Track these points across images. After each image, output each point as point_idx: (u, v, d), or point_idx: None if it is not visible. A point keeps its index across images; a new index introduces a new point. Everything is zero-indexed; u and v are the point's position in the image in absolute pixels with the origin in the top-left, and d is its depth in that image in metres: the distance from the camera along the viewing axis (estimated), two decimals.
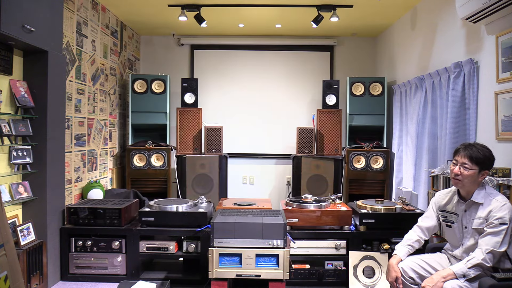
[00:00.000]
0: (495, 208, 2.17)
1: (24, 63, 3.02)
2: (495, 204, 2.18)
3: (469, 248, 2.27)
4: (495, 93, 2.78)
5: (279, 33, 5.45)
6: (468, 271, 2.10)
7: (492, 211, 2.17)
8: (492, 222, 2.15)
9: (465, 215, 2.31)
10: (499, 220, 2.13)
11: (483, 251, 2.12)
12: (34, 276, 2.83)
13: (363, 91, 4.80)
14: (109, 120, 4.62)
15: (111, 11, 4.62)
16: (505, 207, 2.16)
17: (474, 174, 2.21)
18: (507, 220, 2.12)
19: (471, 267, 2.10)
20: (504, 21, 2.71)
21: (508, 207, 2.16)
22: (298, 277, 3.15)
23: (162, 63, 5.67)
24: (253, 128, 5.63)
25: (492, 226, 2.14)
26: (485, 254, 2.10)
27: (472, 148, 2.23)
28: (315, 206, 3.21)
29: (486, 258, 2.10)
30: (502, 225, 2.12)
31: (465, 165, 2.21)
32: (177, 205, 3.24)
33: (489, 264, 2.10)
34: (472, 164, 2.20)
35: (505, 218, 2.13)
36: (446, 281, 2.11)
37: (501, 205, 2.16)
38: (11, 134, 2.79)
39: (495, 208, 2.17)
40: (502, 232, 2.12)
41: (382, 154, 4.49)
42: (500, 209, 2.15)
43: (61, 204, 3.25)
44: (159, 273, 3.27)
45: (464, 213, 2.31)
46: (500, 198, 2.22)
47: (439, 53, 3.70)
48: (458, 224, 2.34)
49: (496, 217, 2.14)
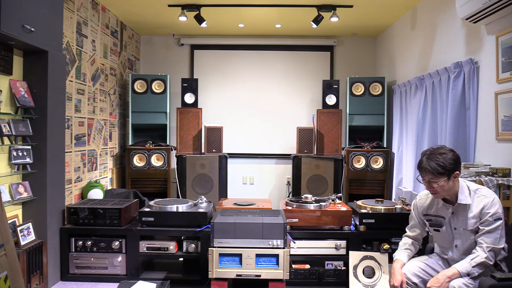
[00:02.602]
0: (486, 205, 2.17)
1: (24, 63, 3.02)
2: (485, 201, 2.18)
3: (466, 249, 2.25)
4: (495, 93, 2.78)
5: (279, 33, 5.45)
6: (473, 269, 2.12)
7: (484, 207, 2.17)
8: (487, 219, 2.15)
9: (453, 217, 2.28)
10: (493, 216, 2.14)
11: (485, 250, 2.12)
12: (34, 276, 2.83)
13: (363, 91, 4.80)
14: (109, 120, 4.62)
15: (111, 11, 4.62)
16: (495, 201, 2.18)
17: (445, 183, 2.17)
18: (501, 214, 2.15)
19: (475, 266, 2.12)
20: (504, 21, 2.72)
21: (498, 201, 2.19)
22: (298, 277, 3.15)
23: (162, 63, 5.67)
24: (253, 128, 5.62)
25: (487, 224, 2.15)
26: (487, 252, 2.12)
27: (431, 162, 2.17)
28: (315, 206, 3.21)
29: (488, 256, 2.12)
30: (497, 220, 2.14)
31: (433, 180, 2.18)
32: (177, 205, 3.24)
33: (492, 262, 2.12)
34: (438, 176, 2.16)
35: (498, 213, 2.15)
36: (452, 280, 2.12)
37: (491, 200, 2.17)
38: (11, 134, 2.79)
39: (486, 204, 2.17)
40: (498, 228, 2.14)
41: (382, 154, 4.49)
42: (492, 204, 2.16)
43: (61, 204, 3.26)
44: (159, 273, 3.27)
45: (451, 215, 2.28)
46: (486, 193, 2.22)
47: (439, 53, 3.70)
48: (446, 227, 2.31)
49: (490, 214, 2.15)
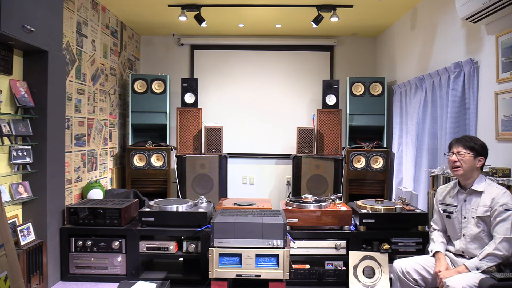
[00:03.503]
0: (497, 195, 2.24)
1: (24, 63, 3.02)
2: (496, 191, 2.26)
3: (473, 236, 2.30)
4: (495, 93, 2.78)
5: (279, 33, 5.45)
6: (480, 263, 2.18)
7: (495, 198, 2.24)
8: (496, 209, 2.21)
9: (464, 205, 2.38)
10: (503, 206, 2.20)
11: (496, 242, 2.17)
12: (34, 276, 2.83)
13: (363, 91, 4.80)
14: (109, 120, 4.62)
15: (111, 11, 4.62)
16: (507, 193, 2.26)
17: (470, 158, 2.34)
18: (511, 205, 2.19)
19: (482, 259, 2.18)
20: (504, 21, 2.72)
21: (509, 194, 2.26)
22: (298, 277, 3.15)
23: (162, 63, 5.67)
24: (253, 128, 5.62)
25: (498, 214, 2.20)
26: (498, 244, 2.15)
27: (463, 138, 2.41)
28: (315, 206, 3.21)
29: (499, 247, 2.15)
30: (507, 210, 2.18)
31: (461, 153, 2.35)
32: (177, 205, 3.24)
33: (502, 252, 2.15)
34: (467, 150, 2.35)
35: (509, 203, 2.20)
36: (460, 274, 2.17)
37: (502, 192, 2.25)
38: (11, 134, 2.79)
39: (497, 195, 2.24)
40: (509, 218, 2.17)
41: (382, 154, 4.49)
42: (503, 195, 2.23)
43: (61, 204, 3.26)
44: (159, 273, 3.27)
45: (463, 203, 2.39)
46: (500, 187, 2.34)
47: (439, 53, 3.70)
48: (457, 214, 2.41)
49: (500, 204, 2.21)
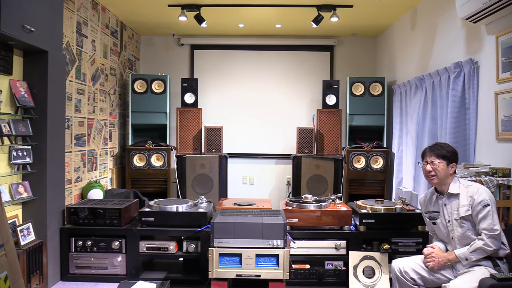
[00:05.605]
0: (473, 193, 2.32)
1: (24, 63, 3.02)
2: (472, 189, 2.36)
3: (460, 237, 2.37)
4: (495, 93, 2.78)
5: (279, 33, 5.45)
6: (470, 255, 2.27)
7: (472, 196, 2.32)
8: (477, 206, 2.30)
9: (445, 209, 2.45)
10: (481, 203, 2.28)
11: (484, 237, 2.24)
12: (34, 276, 2.83)
13: (363, 91, 4.80)
14: (109, 120, 4.62)
15: (111, 11, 4.62)
16: (482, 189, 2.33)
17: (444, 166, 2.41)
18: (488, 201, 2.27)
19: (472, 251, 2.26)
20: (504, 21, 2.72)
21: (484, 189, 2.34)
22: (298, 277, 3.15)
23: (162, 63, 5.67)
24: (253, 128, 5.62)
25: (479, 211, 2.28)
26: (487, 239, 2.22)
27: (436, 147, 2.47)
28: (315, 206, 3.21)
29: (487, 242, 2.23)
30: (486, 207, 2.27)
31: (435, 162, 2.42)
32: (177, 205, 3.24)
33: (491, 247, 2.22)
34: (440, 159, 2.42)
35: (485, 199, 2.28)
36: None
37: (477, 189, 2.35)
38: (11, 134, 2.79)
39: (473, 193, 2.33)
40: (489, 213, 2.25)
41: (382, 154, 4.49)
42: (478, 192, 2.32)
43: (61, 204, 3.26)
44: (159, 273, 3.27)
45: (444, 207, 2.46)
46: (474, 184, 2.40)
47: (439, 53, 3.70)
48: (441, 219, 2.48)
49: (478, 202, 2.30)
